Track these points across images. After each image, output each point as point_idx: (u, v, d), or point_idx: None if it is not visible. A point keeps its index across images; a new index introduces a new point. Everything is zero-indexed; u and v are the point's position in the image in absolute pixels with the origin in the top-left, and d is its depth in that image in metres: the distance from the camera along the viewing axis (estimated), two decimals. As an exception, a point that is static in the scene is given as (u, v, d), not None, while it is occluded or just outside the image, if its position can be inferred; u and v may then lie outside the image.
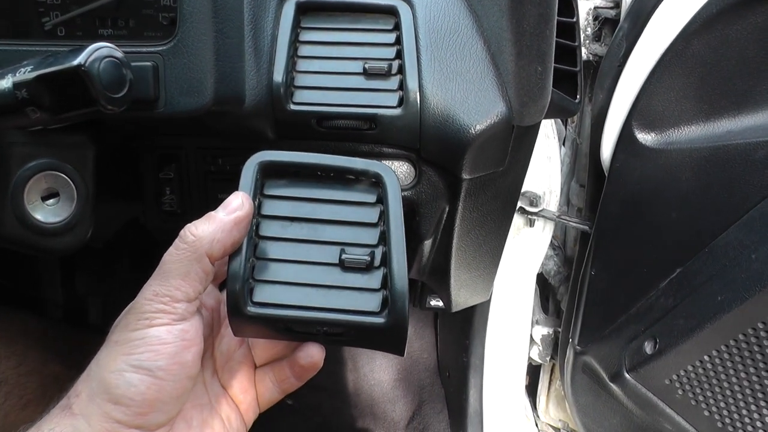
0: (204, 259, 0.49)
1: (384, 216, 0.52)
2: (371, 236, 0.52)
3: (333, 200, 0.54)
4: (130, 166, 0.71)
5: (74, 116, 0.50)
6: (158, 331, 0.47)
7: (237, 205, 0.50)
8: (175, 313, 0.47)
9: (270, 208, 0.53)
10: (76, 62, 0.47)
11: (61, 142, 0.63)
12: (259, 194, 0.53)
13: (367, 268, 0.51)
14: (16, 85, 0.48)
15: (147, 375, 0.45)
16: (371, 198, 0.54)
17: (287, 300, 0.50)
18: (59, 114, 0.49)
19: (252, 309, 0.50)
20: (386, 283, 0.50)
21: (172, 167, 0.70)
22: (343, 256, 0.51)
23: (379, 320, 0.49)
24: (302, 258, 0.52)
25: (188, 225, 0.50)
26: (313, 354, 0.53)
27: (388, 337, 0.51)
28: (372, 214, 0.53)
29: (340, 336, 0.51)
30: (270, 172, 0.54)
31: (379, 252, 0.51)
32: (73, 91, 0.48)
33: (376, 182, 0.54)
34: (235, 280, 0.49)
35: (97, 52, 0.48)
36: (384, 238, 0.52)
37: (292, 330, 0.51)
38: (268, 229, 0.53)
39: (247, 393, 0.56)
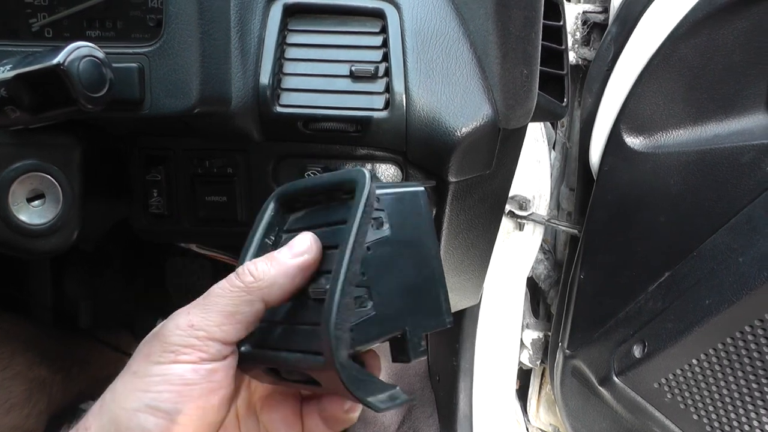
0: (258, 304, 0.43)
1: None
2: None
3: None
4: (117, 167, 0.71)
5: (54, 115, 0.49)
6: (182, 368, 0.41)
7: (305, 248, 0.44)
8: (206, 351, 0.42)
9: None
10: (55, 61, 0.47)
11: (47, 142, 0.62)
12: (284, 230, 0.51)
13: None
14: None
15: (164, 419, 0.40)
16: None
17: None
18: (39, 113, 0.49)
19: None
20: None
21: (159, 169, 0.70)
22: None
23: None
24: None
25: (249, 263, 0.44)
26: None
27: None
28: None
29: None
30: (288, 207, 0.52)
31: None
32: (53, 91, 0.48)
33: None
34: None
35: (77, 51, 0.47)
36: None
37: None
38: None
39: (291, 428, 0.48)
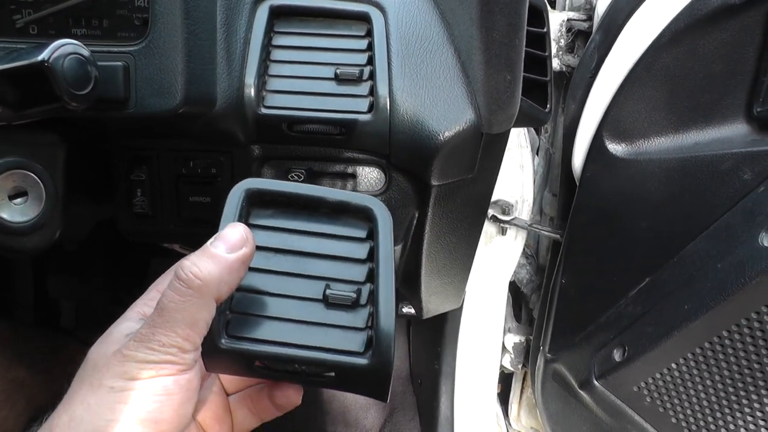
0: (212, 304, 0.44)
1: (374, 253, 0.49)
2: (359, 273, 0.49)
3: (321, 233, 0.50)
4: (102, 167, 0.71)
5: (37, 112, 0.50)
6: (165, 381, 0.43)
7: (239, 240, 0.45)
8: (183, 363, 0.43)
9: (255, 238, 0.49)
10: (39, 58, 0.47)
11: (31, 140, 0.62)
12: (243, 223, 0.49)
13: (352, 305, 0.47)
14: None
15: (152, 428, 0.42)
16: (361, 233, 0.51)
17: (265, 335, 0.46)
18: (22, 110, 0.49)
19: (226, 342, 0.46)
20: (371, 322, 0.47)
21: (143, 169, 0.70)
22: (328, 292, 0.48)
23: (362, 361, 0.46)
24: (284, 292, 0.48)
25: (187, 263, 0.44)
26: (290, 395, 0.51)
27: (370, 381, 0.47)
28: (361, 250, 0.50)
29: (319, 377, 0.48)
30: (256, 201, 0.51)
31: (366, 290, 0.48)
32: (37, 87, 0.48)
33: (367, 217, 0.51)
34: None
35: (62, 48, 0.48)
36: (372, 276, 0.49)
37: (268, 368, 0.48)
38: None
39: (223, 423, 0.52)
